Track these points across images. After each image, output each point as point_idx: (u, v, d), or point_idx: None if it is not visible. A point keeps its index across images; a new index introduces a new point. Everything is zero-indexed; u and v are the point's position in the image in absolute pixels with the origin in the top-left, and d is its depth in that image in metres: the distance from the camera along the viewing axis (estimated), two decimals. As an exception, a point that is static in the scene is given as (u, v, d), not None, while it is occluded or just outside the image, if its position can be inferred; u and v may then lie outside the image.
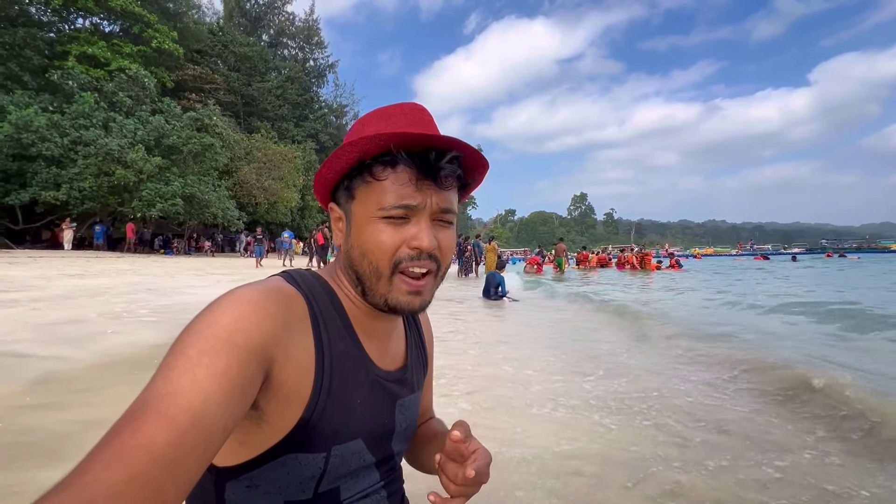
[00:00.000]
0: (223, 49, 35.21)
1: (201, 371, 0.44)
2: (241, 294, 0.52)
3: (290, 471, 0.57)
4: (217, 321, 0.48)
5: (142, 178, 18.63)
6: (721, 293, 9.89)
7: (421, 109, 0.65)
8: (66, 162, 18.07)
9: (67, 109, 18.61)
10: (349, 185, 0.61)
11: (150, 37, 23.84)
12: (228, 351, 0.46)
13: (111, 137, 18.17)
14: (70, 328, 4.04)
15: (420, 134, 0.56)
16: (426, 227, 0.59)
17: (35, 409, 2.30)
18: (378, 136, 0.56)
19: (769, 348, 3.95)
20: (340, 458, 0.59)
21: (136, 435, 0.38)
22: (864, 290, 10.42)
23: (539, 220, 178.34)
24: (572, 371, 3.43)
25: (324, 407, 0.57)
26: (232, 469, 0.58)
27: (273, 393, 0.53)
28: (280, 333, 0.53)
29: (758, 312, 6.80)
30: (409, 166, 0.57)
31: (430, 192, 0.59)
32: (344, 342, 0.61)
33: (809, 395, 2.74)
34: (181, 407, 0.41)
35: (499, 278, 9.25)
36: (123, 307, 5.35)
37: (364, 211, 0.60)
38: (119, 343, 3.66)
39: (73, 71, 19.94)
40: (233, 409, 0.45)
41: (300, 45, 47.34)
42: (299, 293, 0.59)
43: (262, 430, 0.55)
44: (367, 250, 0.59)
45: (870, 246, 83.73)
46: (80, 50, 21.35)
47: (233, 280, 10.16)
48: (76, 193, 17.90)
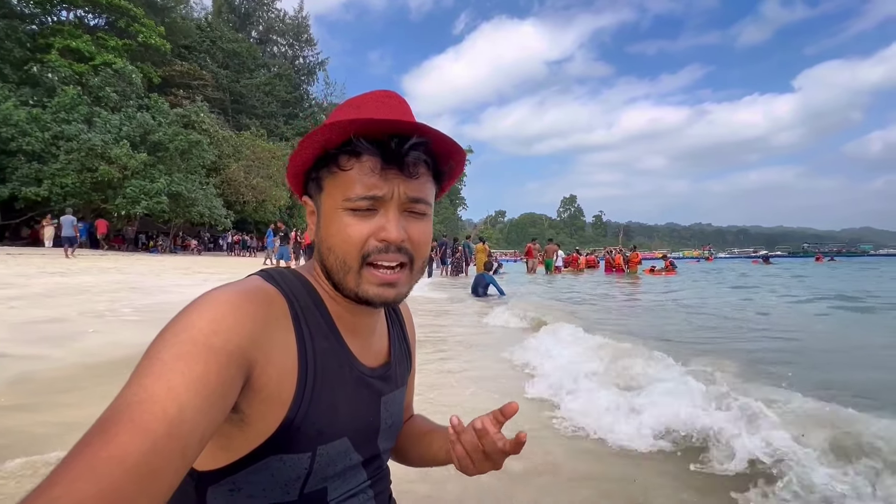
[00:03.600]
0: (211, 45, 34.78)
1: (177, 377, 0.42)
2: (219, 295, 0.51)
3: (274, 473, 0.55)
4: (193, 323, 0.47)
5: (126, 175, 18.28)
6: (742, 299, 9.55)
7: (392, 95, 0.63)
8: (48, 157, 17.68)
9: (49, 103, 18.19)
10: (317, 177, 0.60)
11: (136, 31, 23.47)
12: (206, 355, 0.45)
13: (94, 133, 17.80)
14: (50, 327, 3.94)
15: (379, 119, 0.54)
16: (394, 218, 0.56)
17: (10, 410, 2.24)
18: (337, 124, 0.54)
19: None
20: (326, 457, 0.58)
21: (107, 446, 0.37)
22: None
23: (529, 222, 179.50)
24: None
25: (308, 407, 0.55)
26: (213, 473, 0.56)
27: (255, 395, 0.52)
28: (260, 334, 0.51)
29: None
30: (372, 154, 0.55)
31: (398, 182, 0.56)
32: (326, 340, 0.60)
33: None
34: (156, 415, 0.39)
35: (488, 278, 9.63)
36: (106, 306, 5.24)
37: (331, 203, 0.58)
38: (101, 343, 3.57)
39: (54, 64, 19.50)
40: (211, 416, 0.44)
41: (290, 42, 47.01)
42: (279, 292, 0.57)
43: (244, 433, 0.54)
44: (334, 244, 0.57)
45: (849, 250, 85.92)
46: (63, 43, 20.92)
47: (220, 279, 10.04)
48: (58, 189, 17.52)
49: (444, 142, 0.58)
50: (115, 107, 20.03)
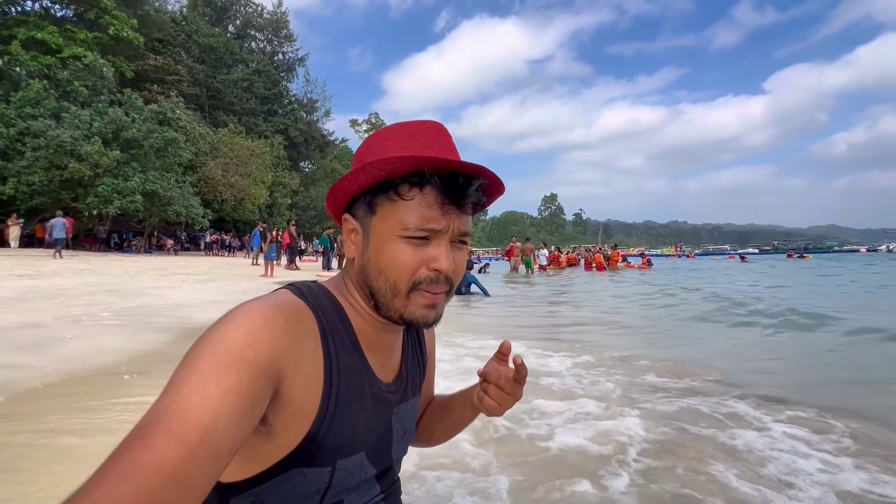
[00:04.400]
0: (187, 39, 33.84)
1: (212, 387, 0.44)
2: (252, 308, 0.53)
3: (295, 486, 0.57)
4: (229, 335, 0.48)
5: (98, 173, 17.63)
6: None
7: (442, 129, 0.65)
8: (13, 154, 16.92)
9: (13, 98, 17.40)
10: (371, 201, 0.61)
11: (107, 24, 22.61)
12: (239, 366, 0.46)
13: (63, 129, 17.11)
14: (25, 333, 3.80)
15: (453, 161, 0.57)
16: (446, 250, 0.59)
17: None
18: (412, 158, 0.56)
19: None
20: (345, 471, 0.60)
21: (146, 451, 0.38)
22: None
23: (510, 220, 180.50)
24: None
25: (331, 421, 0.57)
26: (237, 485, 0.57)
27: (282, 407, 0.54)
28: (290, 348, 0.53)
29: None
30: (436, 190, 0.58)
31: (454, 216, 0.59)
32: (350, 356, 0.61)
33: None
34: (191, 423, 0.41)
35: (470, 277, 9.68)
36: (83, 310, 5.07)
37: (385, 228, 0.59)
38: (82, 349, 3.47)
39: (20, 57, 18.64)
40: (242, 426, 0.45)
41: (268, 37, 46.13)
42: (308, 307, 0.59)
43: (269, 445, 0.55)
44: (386, 267, 0.59)
45: (816, 246, 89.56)
46: (27, 35, 19.99)
47: (199, 279, 9.80)
48: (24, 188, 16.81)
49: (496, 183, 0.62)
50: (84, 101, 19.28)
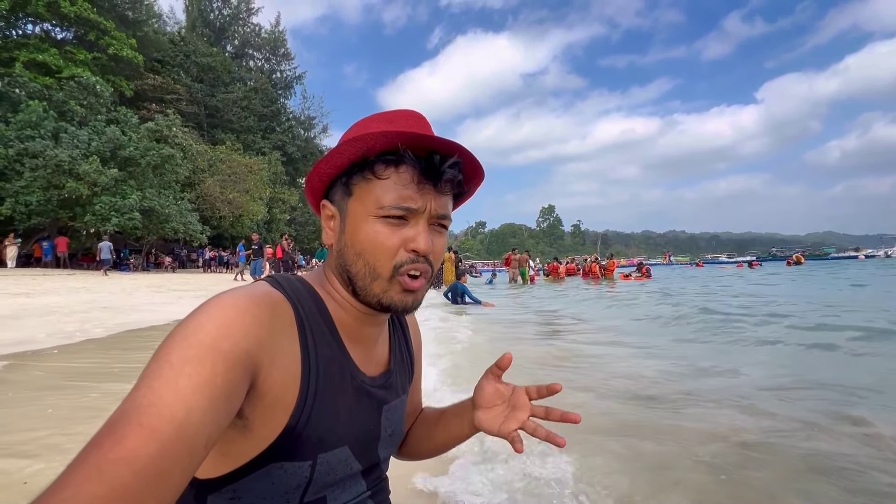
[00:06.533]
0: (185, 59, 34.27)
1: (184, 380, 0.42)
2: (226, 299, 0.51)
3: (275, 481, 0.55)
4: (202, 327, 0.47)
5: (96, 192, 17.69)
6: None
7: (421, 116, 0.65)
8: (11, 174, 16.96)
9: (13, 119, 17.57)
10: (347, 182, 0.60)
11: (106, 44, 22.94)
12: (213, 358, 0.45)
13: (61, 148, 17.21)
14: (15, 350, 3.78)
15: (427, 136, 0.56)
16: (424, 230, 0.58)
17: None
18: (385, 133, 0.55)
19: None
20: (327, 465, 0.58)
21: (116, 447, 0.37)
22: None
23: (509, 232, 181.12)
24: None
25: (309, 414, 0.56)
26: (214, 481, 0.56)
27: (258, 400, 0.52)
28: (266, 339, 0.52)
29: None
30: (412, 167, 0.57)
31: (431, 196, 0.58)
32: (329, 348, 0.60)
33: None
34: (164, 418, 0.40)
35: (461, 287, 9.76)
36: (76, 326, 5.04)
37: (362, 208, 0.58)
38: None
39: (20, 78, 18.86)
40: (217, 419, 0.44)
41: (266, 56, 46.76)
42: (285, 298, 0.57)
43: (246, 440, 0.54)
44: (364, 249, 0.58)
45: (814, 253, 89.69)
46: (28, 57, 20.26)
47: (196, 296, 9.77)
48: (22, 208, 16.80)
49: (474, 165, 0.62)
50: (81, 121, 19.44)
